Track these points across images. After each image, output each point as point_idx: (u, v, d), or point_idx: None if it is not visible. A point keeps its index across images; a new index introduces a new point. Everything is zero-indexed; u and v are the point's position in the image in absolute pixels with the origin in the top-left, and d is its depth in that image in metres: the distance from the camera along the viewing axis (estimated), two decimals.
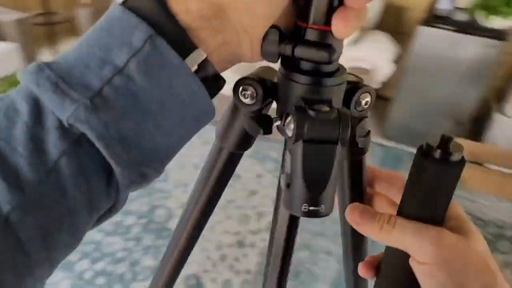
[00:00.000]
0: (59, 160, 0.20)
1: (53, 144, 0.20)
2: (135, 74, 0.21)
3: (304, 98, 0.26)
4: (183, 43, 0.22)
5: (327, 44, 0.25)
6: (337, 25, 0.23)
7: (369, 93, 0.30)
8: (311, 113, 0.25)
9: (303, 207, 0.26)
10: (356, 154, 0.33)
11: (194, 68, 0.22)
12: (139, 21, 0.21)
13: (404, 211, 0.29)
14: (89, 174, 0.21)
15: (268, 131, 0.28)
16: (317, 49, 0.24)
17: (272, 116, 0.28)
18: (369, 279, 0.32)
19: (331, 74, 0.26)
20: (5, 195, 0.19)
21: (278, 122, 0.27)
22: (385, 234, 0.28)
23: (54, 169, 0.20)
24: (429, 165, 0.27)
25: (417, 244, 0.26)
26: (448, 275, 0.25)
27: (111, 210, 0.25)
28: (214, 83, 0.24)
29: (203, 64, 0.23)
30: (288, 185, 0.26)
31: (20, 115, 0.20)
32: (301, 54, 0.25)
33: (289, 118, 0.26)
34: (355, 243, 0.39)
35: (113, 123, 0.21)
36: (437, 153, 0.26)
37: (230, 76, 0.25)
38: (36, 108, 0.21)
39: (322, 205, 0.26)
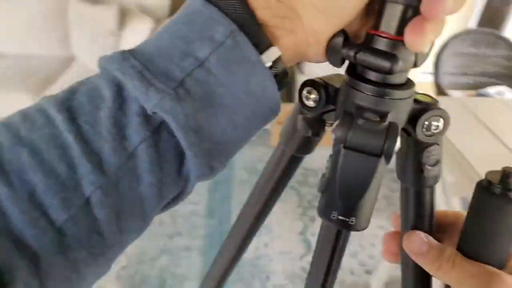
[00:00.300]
0: (138, 146, 0.21)
1: (135, 131, 0.21)
2: (215, 68, 0.21)
3: (358, 106, 0.24)
4: (260, 40, 0.22)
5: (391, 53, 0.23)
6: (411, 37, 0.21)
7: (442, 118, 0.26)
8: (359, 120, 0.23)
9: (332, 214, 0.24)
10: (422, 184, 0.30)
11: (269, 65, 0.22)
12: (221, 15, 0.21)
13: (463, 249, 0.28)
14: (163, 163, 0.22)
15: (316, 133, 0.28)
16: (379, 57, 0.23)
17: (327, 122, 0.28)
18: None
19: (392, 86, 0.24)
20: (89, 177, 0.20)
21: (331, 128, 0.26)
22: (443, 273, 0.27)
23: (134, 155, 0.21)
24: (490, 202, 0.26)
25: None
26: None
27: (176, 200, 0.25)
28: (281, 80, 0.24)
29: (276, 62, 0.23)
30: (323, 191, 0.25)
31: (105, 101, 0.21)
32: (363, 61, 0.23)
33: (337, 122, 0.24)
34: (418, 277, 0.33)
35: (192, 114, 0.21)
36: (498, 189, 0.25)
37: None
38: (120, 95, 0.21)
39: (353, 218, 0.24)
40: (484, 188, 0.26)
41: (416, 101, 0.26)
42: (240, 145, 0.24)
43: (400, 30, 0.22)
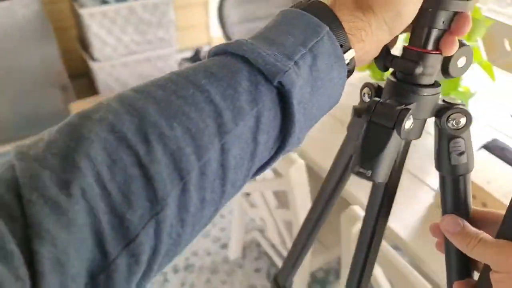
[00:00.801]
0: (260, 109, 0.25)
1: (259, 96, 0.25)
2: (316, 56, 0.27)
3: (387, 95, 0.34)
4: (344, 42, 0.28)
5: (415, 60, 0.32)
6: (447, 48, 0.31)
7: (464, 115, 0.34)
8: (382, 103, 0.32)
9: (355, 167, 0.32)
10: (454, 171, 0.36)
11: (347, 61, 0.29)
12: (317, 20, 0.27)
13: (500, 233, 0.31)
14: (271, 129, 0.26)
15: (358, 115, 0.36)
16: (406, 62, 0.32)
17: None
18: None
19: (415, 85, 0.33)
20: (227, 125, 0.24)
21: None
22: (471, 249, 0.32)
23: (257, 114, 0.25)
24: None
25: (495, 257, 0.30)
26: None
27: (258, 171, 0.28)
28: (348, 75, 0.30)
29: (351, 60, 0.29)
30: (354, 153, 0.33)
31: (236, 71, 0.25)
32: (395, 65, 0.33)
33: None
34: (460, 267, 0.38)
35: (300, 88, 0.26)
36: None
37: None
38: (248, 68, 0.25)
39: (369, 171, 0.31)
40: None
41: (445, 101, 0.35)
42: (314, 124, 0.30)
43: (425, 45, 0.32)
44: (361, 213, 0.69)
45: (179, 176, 0.22)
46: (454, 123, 0.34)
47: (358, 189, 0.86)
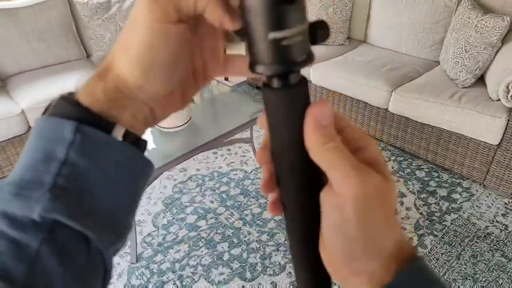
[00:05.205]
0: (40, 248, 0.24)
1: (32, 238, 0.24)
2: (77, 160, 0.25)
3: None
4: (103, 124, 0.26)
5: None
6: None
7: None
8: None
9: None
10: None
11: (120, 138, 0.27)
12: (63, 120, 0.25)
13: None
14: (70, 251, 0.25)
15: None
16: None
17: None
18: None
19: None
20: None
21: None
22: (322, 149, 0.24)
23: (38, 257, 0.23)
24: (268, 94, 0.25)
25: (343, 174, 0.23)
26: (357, 215, 0.23)
27: (105, 279, 0.28)
28: (141, 144, 0.29)
29: (126, 133, 0.27)
30: None
31: None
32: None
33: None
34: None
35: (74, 202, 0.25)
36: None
37: None
38: (8, 218, 0.24)
39: None
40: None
41: None
42: (136, 203, 0.29)
43: None
44: None
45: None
46: None
47: None
